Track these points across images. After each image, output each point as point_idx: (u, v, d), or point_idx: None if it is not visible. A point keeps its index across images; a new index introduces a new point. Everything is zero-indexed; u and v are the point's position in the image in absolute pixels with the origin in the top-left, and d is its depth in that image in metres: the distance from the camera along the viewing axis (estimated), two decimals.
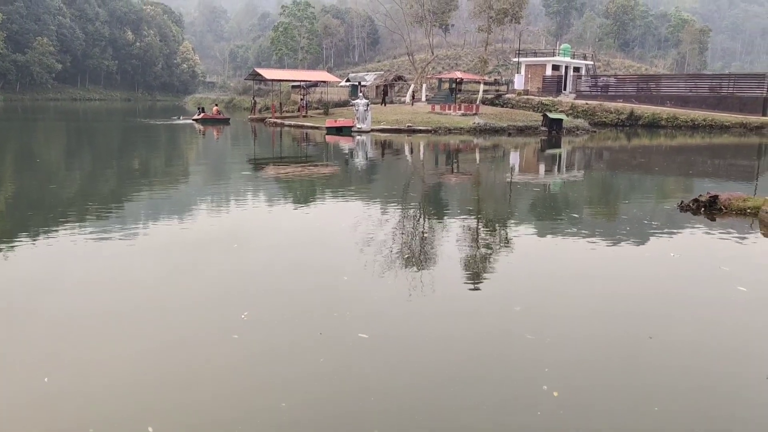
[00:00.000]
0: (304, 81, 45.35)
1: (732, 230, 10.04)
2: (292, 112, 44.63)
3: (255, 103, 45.44)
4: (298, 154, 23.71)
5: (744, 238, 9.62)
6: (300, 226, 10.23)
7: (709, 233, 10.02)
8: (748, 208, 11.13)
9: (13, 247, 8.40)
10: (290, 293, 6.62)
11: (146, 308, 6.10)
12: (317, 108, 45.11)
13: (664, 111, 39.16)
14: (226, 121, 40.25)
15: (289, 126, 36.63)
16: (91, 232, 9.22)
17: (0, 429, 4.00)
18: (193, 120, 40.86)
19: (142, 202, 12.35)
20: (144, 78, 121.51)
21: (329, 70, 74.26)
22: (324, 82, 47.52)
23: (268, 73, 42.54)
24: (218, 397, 4.42)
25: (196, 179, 16.46)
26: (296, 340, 5.38)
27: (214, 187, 14.92)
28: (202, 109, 43.30)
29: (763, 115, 37.63)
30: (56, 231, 9.31)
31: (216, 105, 45.20)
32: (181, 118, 42.66)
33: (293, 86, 54.91)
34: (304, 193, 14.09)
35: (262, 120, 40.53)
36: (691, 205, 11.60)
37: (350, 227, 9.86)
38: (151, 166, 19.38)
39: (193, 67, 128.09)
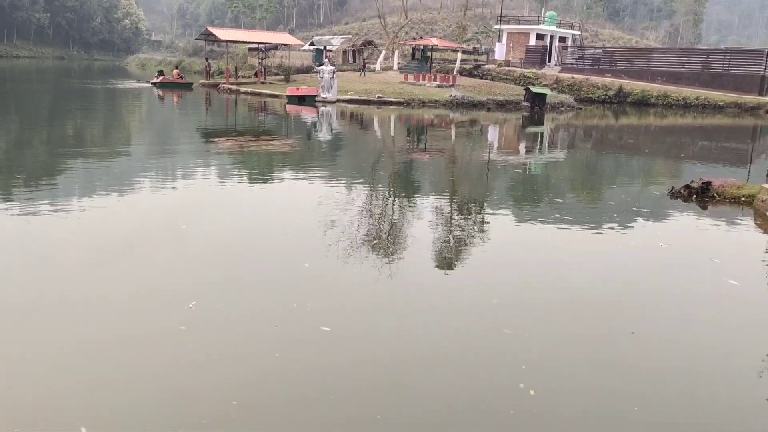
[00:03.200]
0: (262, 43, 44.68)
1: (725, 219, 10.30)
2: (249, 77, 43.98)
3: (209, 66, 44.62)
4: (254, 126, 23.41)
5: (737, 228, 9.87)
6: (256, 206, 10.12)
7: (700, 222, 10.26)
8: (743, 196, 11.41)
9: None
10: (244, 281, 6.56)
11: (79, 297, 5.97)
12: (277, 74, 44.54)
13: (655, 88, 39.78)
14: (188, 86, 40.18)
15: (245, 93, 36.13)
16: (15, 210, 8.96)
17: None
18: (152, 84, 40.69)
19: (76, 177, 12.05)
20: (80, 34, 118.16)
21: (291, 32, 73.32)
22: (285, 45, 46.91)
23: (222, 33, 41.74)
24: (161, 397, 4.36)
25: (139, 151, 16.13)
26: (250, 334, 5.33)
27: (158, 160, 14.64)
28: (162, 72, 42.95)
29: (760, 94, 38.48)
30: None
31: (177, 67, 44.50)
32: (149, 82, 42.46)
33: (250, 49, 54.04)
34: (261, 170, 13.94)
35: (215, 86, 39.90)
36: (682, 191, 11.84)
37: (312, 208, 9.80)
38: (87, 136, 18.89)
39: (136, 24, 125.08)
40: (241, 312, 5.74)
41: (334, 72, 31.55)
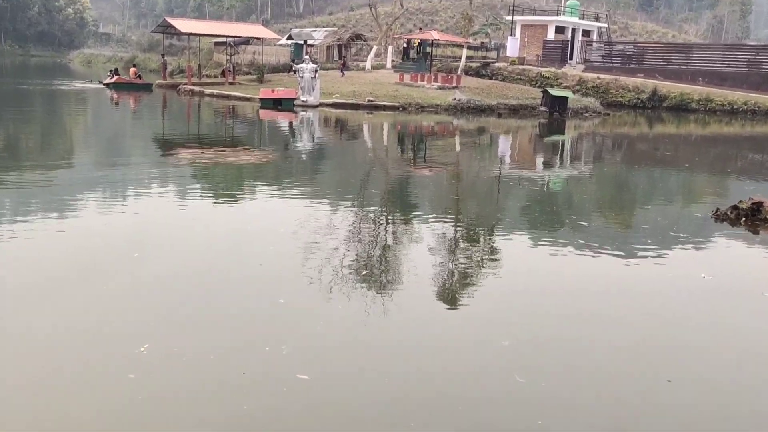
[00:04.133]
0: (231, 37, 44.93)
1: None
2: (215, 77, 44.09)
3: (165, 63, 44.76)
4: (221, 134, 23.48)
5: None
6: (223, 230, 10.11)
7: (750, 250, 10.32)
8: None
9: None
10: (207, 320, 6.54)
11: (11, 337, 5.94)
12: (249, 73, 44.70)
13: (695, 90, 40.16)
14: (147, 87, 40.33)
15: (211, 96, 36.24)
16: None
17: None
18: (104, 84, 40.85)
19: (7, 197, 12.03)
20: (14, 25, 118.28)
21: (265, 24, 73.75)
22: (258, 38, 47.17)
23: (183, 25, 41.92)
24: None
25: (84, 166, 16.12)
26: (212, 382, 5.31)
27: (107, 176, 14.64)
28: (116, 70, 43.14)
29: None
30: None
31: (135, 65, 44.72)
32: (100, 82, 42.67)
33: (216, 43, 54.32)
34: (228, 187, 13.95)
35: (175, 87, 40.02)
36: (728, 213, 11.92)
37: (290, 233, 9.80)
38: (22, 148, 18.90)
39: (81, 13, 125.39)
40: (203, 357, 5.72)
41: (316, 71, 31.71)
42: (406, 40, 48.14)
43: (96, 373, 5.39)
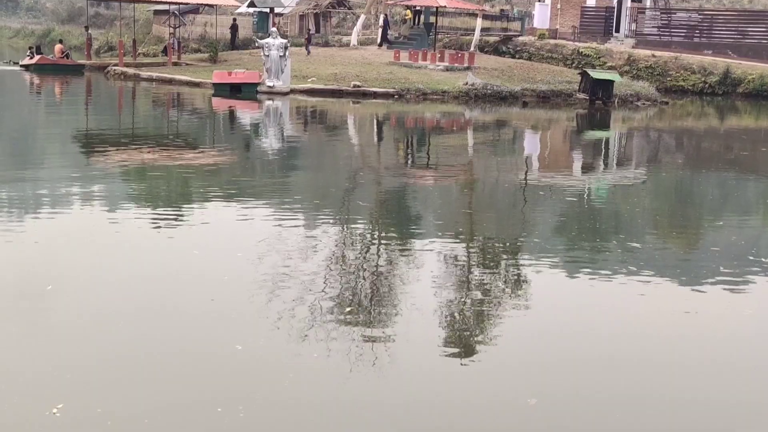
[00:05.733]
0: (175, 3, 45.02)
1: None
2: (155, 56, 44.11)
3: (90, 38, 44.78)
4: (162, 130, 23.46)
5: None
6: (162, 254, 10.09)
7: None
8: None
9: None
10: (138, 370, 6.51)
11: None
12: (198, 51, 44.75)
13: None
14: (77, 69, 40.65)
15: (149, 80, 36.23)
16: None
17: None
18: (21, 66, 41.22)
19: None
20: None
21: None
22: (210, 5, 47.22)
23: None
24: None
25: None
26: None
27: (16, 185, 14.59)
28: (38, 48, 43.32)
29: None
30: None
31: (61, 41, 44.84)
32: (16, 63, 42.86)
33: (157, 12, 54.34)
34: (171, 199, 13.92)
35: (103, 68, 40.01)
36: None
37: (251, 259, 9.78)
38: None
39: None
40: (133, 421, 5.68)
41: (286, 48, 31.71)
42: (404, 5, 48.23)
43: None
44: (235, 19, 47.55)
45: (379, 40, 45.05)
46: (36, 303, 8.01)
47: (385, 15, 46.65)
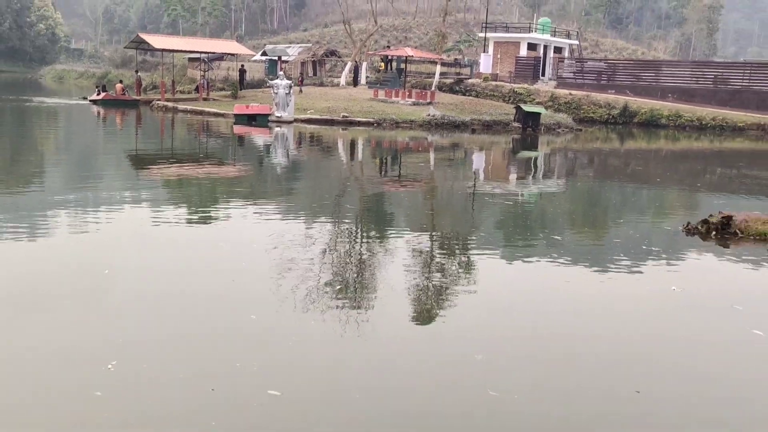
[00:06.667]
0: (204, 52, 44.86)
1: (749, 260, 10.47)
2: (189, 93, 43.94)
3: (140, 79, 44.57)
4: (194, 150, 23.35)
5: (763, 270, 10.04)
6: (193, 246, 10.02)
7: (720, 263, 10.42)
8: None
9: None
10: (175, 335, 6.46)
11: None
12: (223, 89, 44.62)
13: (665, 106, 40.74)
14: (133, 104, 40.40)
15: (184, 111, 36.14)
16: None
17: None
18: (90, 101, 40.87)
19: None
20: None
21: (239, 40, 73.69)
22: (232, 54, 47.16)
23: (156, 41, 41.83)
24: None
25: (53, 181, 15.92)
26: (179, 398, 5.23)
27: (77, 192, 14.46)
28: (104, 87, 43.04)
29: None
30: None
31: (121, 81, 44.61)
32: (86, 98, 42.65)
33: (190, 59, 54.15)
34: (201, 203, 13.85)
35: (148, 103, 39.87)
36: (699, 227, 12.03)
37: (263, 249, 9.74)
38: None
39: (53, 29, 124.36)
40: (171, 372, 5.64)
41: (290, 87, 31.80)
42: (381, 55, 48.31)
43: (62, 389, 5.30)
44: (242, 65, 47.34)
45: (353, 82, 45.75)
46: (95, 283, 7.94)
47: (355, 62, 47.18)
